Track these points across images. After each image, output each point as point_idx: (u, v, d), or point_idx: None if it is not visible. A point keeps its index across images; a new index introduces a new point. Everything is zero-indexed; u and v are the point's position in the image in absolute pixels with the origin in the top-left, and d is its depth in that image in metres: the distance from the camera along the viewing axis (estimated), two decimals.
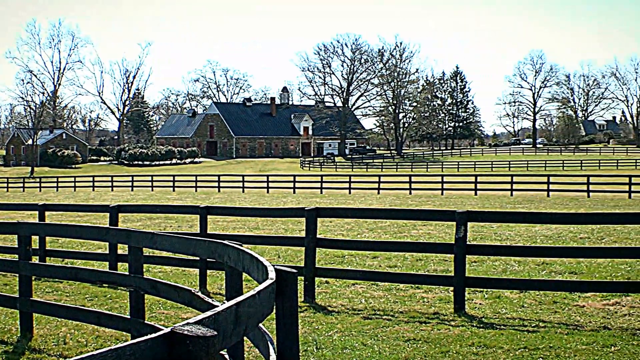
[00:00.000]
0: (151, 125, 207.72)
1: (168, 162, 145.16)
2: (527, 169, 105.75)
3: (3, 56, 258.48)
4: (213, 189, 70.10)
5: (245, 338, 7.22)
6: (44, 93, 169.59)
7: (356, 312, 13.22)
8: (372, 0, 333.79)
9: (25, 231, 12.04)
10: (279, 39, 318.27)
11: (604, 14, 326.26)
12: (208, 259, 14.65)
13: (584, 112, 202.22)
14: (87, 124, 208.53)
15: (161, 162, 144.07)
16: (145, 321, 10.29)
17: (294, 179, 65.45)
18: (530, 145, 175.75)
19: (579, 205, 41.49)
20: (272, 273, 5.61)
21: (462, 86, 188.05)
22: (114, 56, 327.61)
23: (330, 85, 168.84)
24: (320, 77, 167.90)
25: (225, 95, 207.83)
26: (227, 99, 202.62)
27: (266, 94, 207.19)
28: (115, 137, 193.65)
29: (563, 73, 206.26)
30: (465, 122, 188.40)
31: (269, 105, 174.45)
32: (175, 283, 10.64)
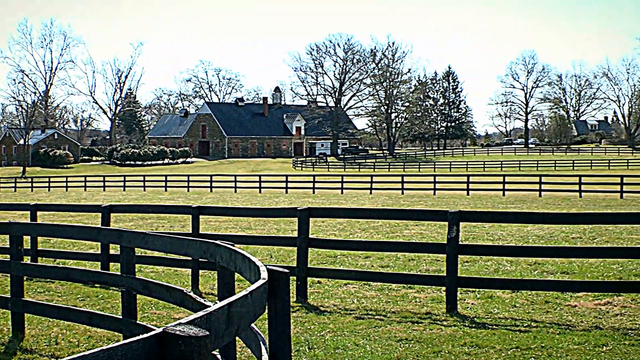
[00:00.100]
0: (143, 125, 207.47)
1: (160, 162, 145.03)
2: (519, 169, 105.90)
3: None
4: (205, 189, 70.07)
5: (237, 338, 7.21)
6: (35, 93, 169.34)
7: (348, 312, 13.22)
8: (365, 0, 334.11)
9: (17, 231, 12.01)
10: (271, 39, 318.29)
11: (596, 14, 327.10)
12: (200, 259, 14.63)
13: (575, 112, 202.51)
14: (79, 124, 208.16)
15: (153, 162, 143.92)
16: (137, 321, 10.28)
17: (286, 179, 65.44)
18: (523, 146, 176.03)
19: (571, 205, 41.56)
20: (264, 273, 5.60)
21: (455, 86, 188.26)
22: (106, 56, 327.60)
23: (323, 85, 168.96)
24: (312, 77, 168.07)
25: (217, 95, 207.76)
26: (220, 99, 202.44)
27: (258, 93, 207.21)
28: (107, 137, 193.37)
29: (555, 73, 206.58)
30: (457, 122, 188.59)
31: (262, 105, 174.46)
32: (167, 283, 10.62)
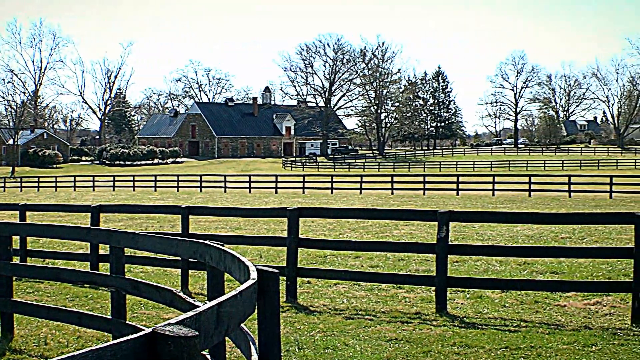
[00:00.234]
0: (133, 125, 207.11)
1: (150, 162, 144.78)
2: (509, 169, 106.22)
3: None
4: (195, 189, 69.99)
5: (227, 338, 7.20)
6: (25, 92, 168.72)
7: (338, 312, 13.22)
8: (355, 1, 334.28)
9: (6, 231, 11.97)
10: (261, 39, 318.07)
11: (585, 14, 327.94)
12: (190, 259, 14.63)
13: (565, 113, 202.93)
14: (69, 124, 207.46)
15: (143, 162, 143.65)
16: (126, 321, 10.25)
17: (276, 179, 65.43)
18: (512, 146, 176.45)
19: (561, 205, 41.64)
20: (254, 273, 5.59)
21: (444, 86, 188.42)
22: (96, 56, 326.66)
23: (313, 85, 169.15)
24: (302, 77, 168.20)
25: (207, 95, 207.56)
26: (209, 99, 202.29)
27: (248, 93, 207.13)
28: (97, 137, 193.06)
29: (544, 73, 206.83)
30: (447, 122, 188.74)
31: (251, 105, 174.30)
32: (156, 283, 10.60)
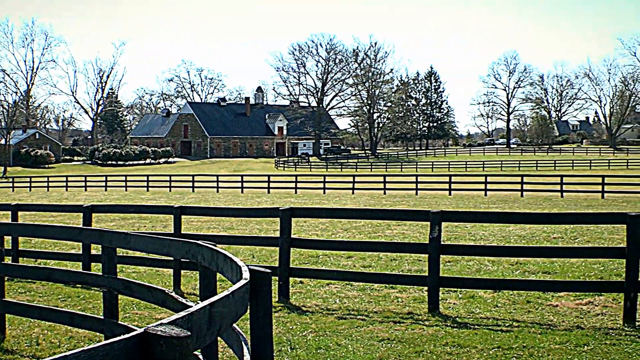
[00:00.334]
0: (125, 125, 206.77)
1: (142, 162, 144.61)
2: (501, 169, 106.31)
3: None
4: (187, 189, 69.92)
5: (219, 338, 7.20)
6: (17, 92, 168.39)
7: (330, 312, 13.22)
8: (347, 1, 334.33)
9: None
10: (254, 39, 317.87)
11: (577, 15, 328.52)
12: (182, 259, 14.61)
13: (557, 113, 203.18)
14: (61, 124, 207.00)
15: (135, 162, 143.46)
16: (118, 322, 10.24)
17: (268, 179, 65.40)
18: (504, 146, 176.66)
19: (553, 205, 41.69)
20: (246, 273, 5.59)
21: (437, 86, 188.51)
22: (88, 55, 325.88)
23: (305, 85, 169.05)
24: (294, 77, 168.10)
25: (199, 95, 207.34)
26: (202, 99, 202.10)
27: (240, 93, 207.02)
28: (89, 137, 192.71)
29: (537, 74, 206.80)
30: (439, 122, 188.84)
31: (244, 105, 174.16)
32: (149, 283, 10.59)
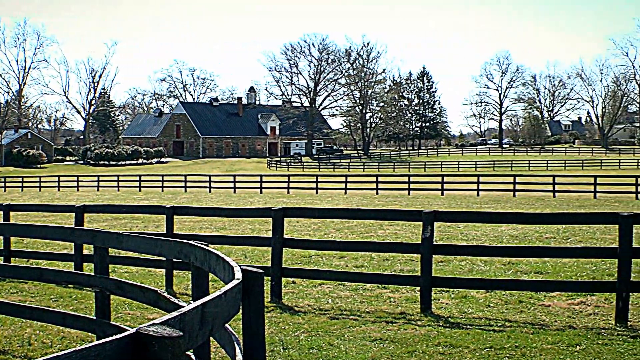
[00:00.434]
0: (117, 125, 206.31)
1: (134, 162, 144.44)
2: (494, 169, 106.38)
3: None
4: (180, 189, 69.83)
5: (211, 338, 7.19)
6: (8, 92, 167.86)
7: (323, 312, 13.21)
8: (340, 1, 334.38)
9: None
10: (246, 39, 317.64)
11: (569, 15, 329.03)
12: (174, 259, 14.58)
13: (549, 113, 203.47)
14: (53, 124, 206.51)
15: (127, 162, 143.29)
16: (110, 322, 10.23)
17: (260, 179, 65.36)
18: (497, 146, 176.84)
19: (545, 205, 41.75)
20: (239, 273, 5.58)
21: (429, 86, 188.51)
22: (80, 55, 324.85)
23: (298, 85, 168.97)
24: (287, 77, 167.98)
25: (192, 95, 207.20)
26: (194, 99, 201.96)
27: (233, 93, 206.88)
28: (81, 137, 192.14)
29: (529, 74, 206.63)
30: (432, 122, 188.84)
31: (236, 105, 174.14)
32: (141, 283, 10.57)
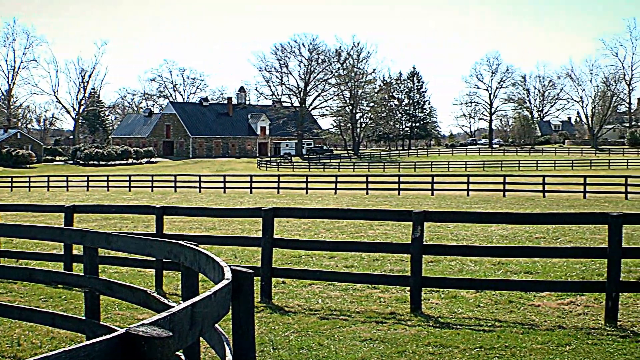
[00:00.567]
0: (107, 125, 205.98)
1: (124, 162, 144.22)
2: (484, 169, 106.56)
3: None
4: (169, 189, 69.75)
5: (201, 339, 7.18)
6: None
7: (313, 313, 13.20)
8: (330, 1, 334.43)
9: None
10: (236, 39, 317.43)
11: (559, 15, 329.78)
12: (164, 260, 14.55)
13: (539, 113, 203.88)
14: (42, 124, 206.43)
15: (117, 162, 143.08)
16: (100, 322, 10.21)
17: (250, 179, 65.35)
18: (487, 146, 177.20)
19: (535, 205, 41.82)
20: (229, 273, 5.57)
21: (419, 86, 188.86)
22: (70, 55, 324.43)
23: (288, 85, 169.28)
24: (277, 77, 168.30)
25: (182, 95, 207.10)
26: (184, 99, 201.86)
27: (223, 93, 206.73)
28: (71, 137, 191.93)
29: (519, 74, 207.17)
30: (422, 123, 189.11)
31: (226, 105, 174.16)
32: (130, 284, 10.55)
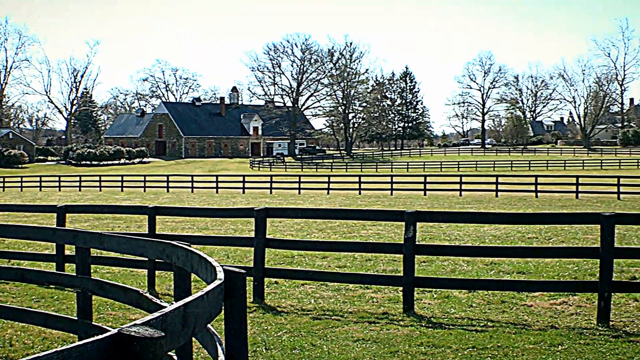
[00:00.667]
0: (99, 125, 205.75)
1: (116, 162, 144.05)
2: (476, 169, 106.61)
3: None
4: (162, 189, 69.66)
5: (193, 339, 7.17)
6: None
7: (305, 313, 13.20)
8: (322, 1, 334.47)
9: None
10: (229, 39, 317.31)
11: (551, 15, 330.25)
12: (156, 260, 14.54)
13: (532, 113, 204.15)
14: (34, 124, 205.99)
15: (109, 162, 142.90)
16: (92, 322, 10.18)
17: (243, 179, 65.32)
18: (479, 146, 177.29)
19: (527, 206, 41.86)
20: (221, 273, 5.57)
21: (412, 86, 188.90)
22: (62, 55, 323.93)
23: (280, 85, 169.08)
24: (270, 77, 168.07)
25: (174, 95, 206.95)
26: (176, 99, 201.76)
27: (215, 93, 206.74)
28: (63, 137, 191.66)
29: (512, 74, 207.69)
30: (414, 123, 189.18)
31: (219, 105, 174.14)
32: (123, 284, 10.54)
